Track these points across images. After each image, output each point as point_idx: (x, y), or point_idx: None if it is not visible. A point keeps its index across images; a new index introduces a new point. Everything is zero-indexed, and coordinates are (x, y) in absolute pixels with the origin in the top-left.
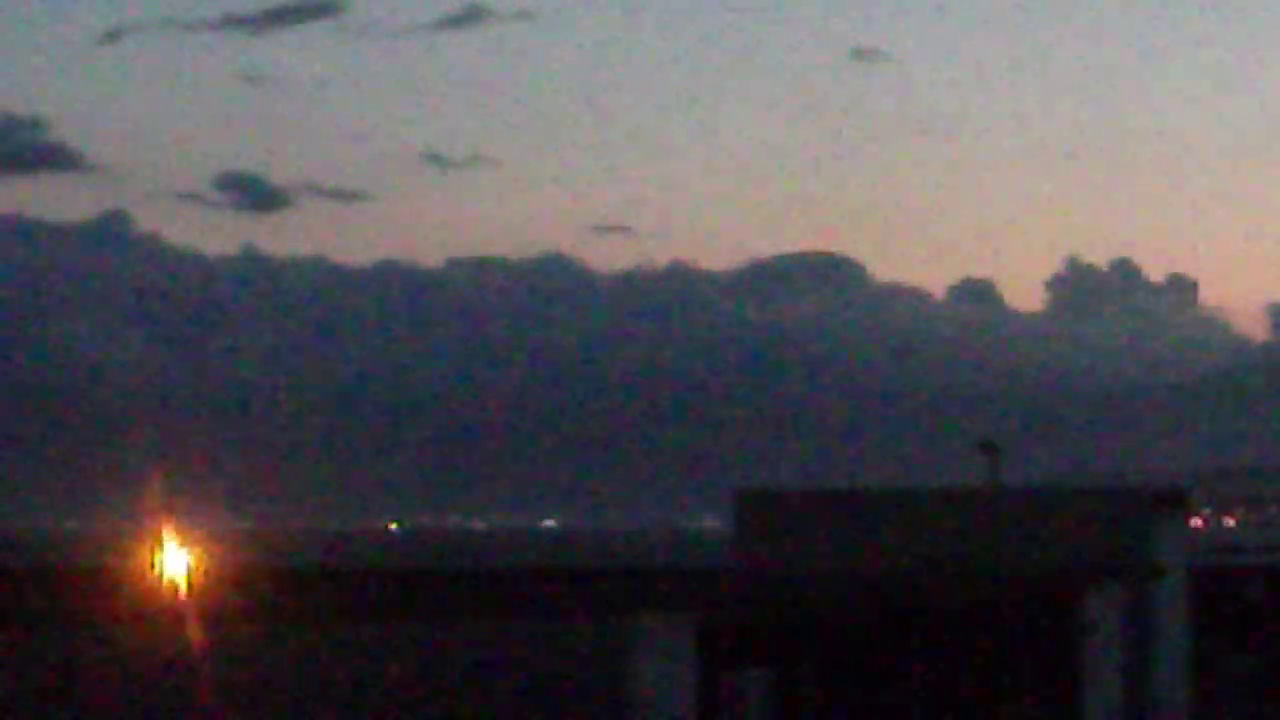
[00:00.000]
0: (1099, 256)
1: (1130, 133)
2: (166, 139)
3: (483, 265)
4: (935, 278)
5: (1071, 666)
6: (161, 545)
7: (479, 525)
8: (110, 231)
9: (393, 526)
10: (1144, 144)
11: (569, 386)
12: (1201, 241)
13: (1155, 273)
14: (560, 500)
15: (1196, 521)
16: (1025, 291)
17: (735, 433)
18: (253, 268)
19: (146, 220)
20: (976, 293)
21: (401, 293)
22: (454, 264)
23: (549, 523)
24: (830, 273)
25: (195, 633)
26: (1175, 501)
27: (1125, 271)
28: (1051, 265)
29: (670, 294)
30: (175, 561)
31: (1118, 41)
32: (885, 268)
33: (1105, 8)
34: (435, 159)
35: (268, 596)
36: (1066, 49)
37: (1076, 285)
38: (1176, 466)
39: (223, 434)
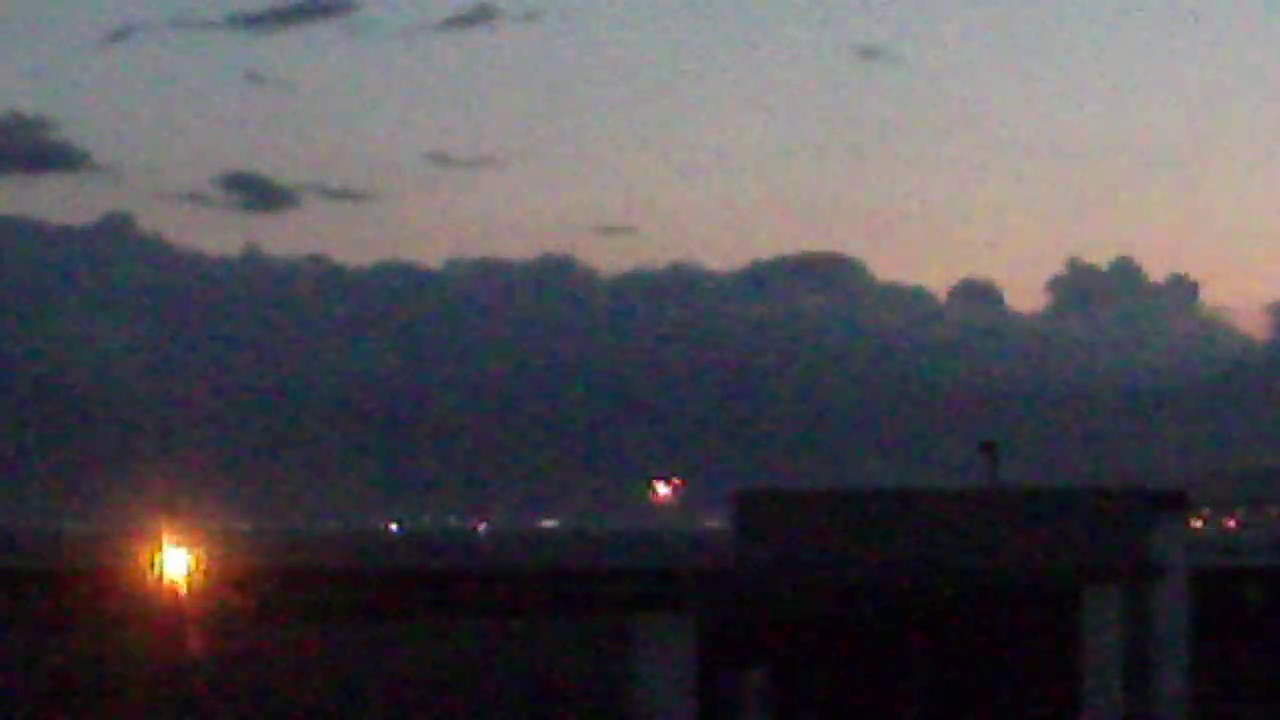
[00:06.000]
0: (1099, 256)
1: (1131, 133)
2: (171, 139)
3: (484, 266)
4: (936, 278)
5: (1071, 667)
6: (161, 545)
7: (479, 525)
8: (113, 232)
9: (393, 526)
10: (1144, 144)
11: (570, 387)
12: (1202, 241)
13: (1155, 273)
14: (560, 500)
15: (1197, 522)
16: (1026, 292)
17: (735, 433)
18: (254, 268)
19: (149, 220)
20: (977, 293)
21: (402, 293)
22: (455, 264)
23: (549, 523)
24: (831, 273)
25: (195, 633)
26: (1175, 501)
27: (1125, 271)
28: (1053, 265)
29: (672, 294)
30: (175, 561)
31: (1120, 42)
32: (886, 268)
33: (1108, 9)
34: (440, 159)
35: (268, 596)
36: (1069, 50)
37: (1077, 285)
38: (1176, 466)
39: (222, 434)
